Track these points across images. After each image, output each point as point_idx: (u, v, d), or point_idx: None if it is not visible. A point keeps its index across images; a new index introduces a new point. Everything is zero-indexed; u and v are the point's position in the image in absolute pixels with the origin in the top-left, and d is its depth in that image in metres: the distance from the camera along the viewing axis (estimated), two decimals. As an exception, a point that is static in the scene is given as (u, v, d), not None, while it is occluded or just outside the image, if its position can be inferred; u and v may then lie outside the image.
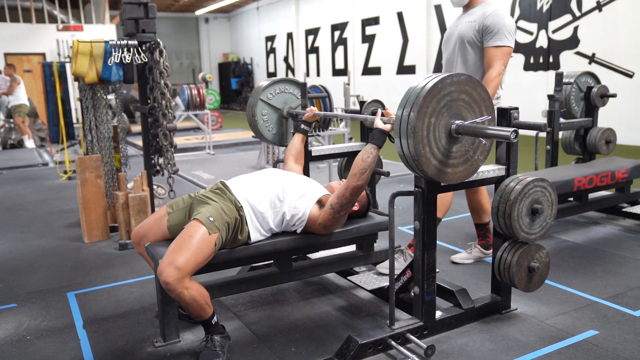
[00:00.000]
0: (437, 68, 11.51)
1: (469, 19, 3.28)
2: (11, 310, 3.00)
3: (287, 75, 17.67)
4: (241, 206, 2.47)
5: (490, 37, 3.15)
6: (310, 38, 16.37)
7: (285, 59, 17.83)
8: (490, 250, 3.50)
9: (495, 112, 3.15)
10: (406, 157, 2.14)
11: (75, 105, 11.24)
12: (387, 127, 2.43)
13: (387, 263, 2.98)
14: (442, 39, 3.57)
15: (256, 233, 2.50)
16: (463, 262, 3.49)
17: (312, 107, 3.13)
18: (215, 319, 2.38)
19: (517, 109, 2.59)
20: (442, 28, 11.32)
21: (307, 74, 13.63)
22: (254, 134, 3.43)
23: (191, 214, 2.49)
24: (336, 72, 15.30)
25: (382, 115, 2.53)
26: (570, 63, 8.92)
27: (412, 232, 2.39)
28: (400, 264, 3.14)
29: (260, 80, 19.50)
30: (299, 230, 2.59)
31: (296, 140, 3.12)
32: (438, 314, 2.57)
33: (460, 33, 3.29)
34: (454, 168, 2.22)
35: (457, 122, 2.15)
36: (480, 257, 3.52)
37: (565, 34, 9.01)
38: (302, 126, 3.13)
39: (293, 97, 3.43)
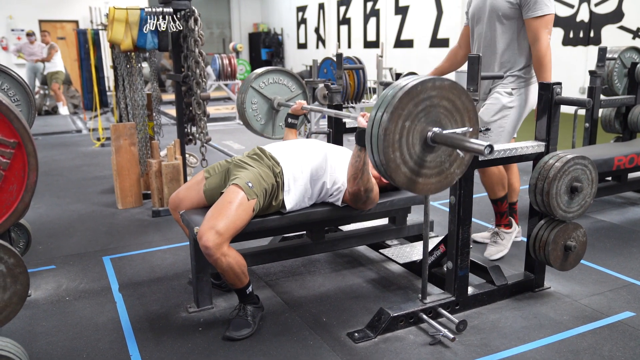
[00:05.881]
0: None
1: None
2: (50, 272, 3.09)
3: (317, 46, 17.50)
4: (279, 171, 2.47)
5: (530, 7, 2.88)
6: (342, 9, 16.13)
7: (316, 30, 17.62)
8: (510, 229, 3.31)
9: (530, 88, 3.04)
10: (375, 160, 1.93)
11: (107, 72, 11.36)
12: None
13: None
14: (467, 10, 3.21)
15: (292, 201, 2.50)
16: (484, 241, 3.40)
17: (300, 100, 3.05)
18: (250, 288, 2.41)
19: (560, 84, 2.52)
20: (478, 0, 11.01)
21: (339, 46, 13.48)
22: (241, 121, 3.30)
23: (228, 178, 2.51)
24: (368, 44, 15.07)
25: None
26: (612, 38, 8.58)
27: (446, 208, 2.36)
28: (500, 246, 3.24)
29: (291, 50, 19.37)
30: (339, 203, 2.58)
31: (287, 136, 3.06)
32: (470, 289, 2.56)
33: (492, 5, 2.98)
34: (426, 178, 1.99)
35: (435, 129, 1.93)
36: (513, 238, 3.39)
37: (609, 7, 8.66)
38: (289, 120, 3.04)
39: (287, 89, 3.31)
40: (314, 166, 2.53)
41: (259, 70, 3.24)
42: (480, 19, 3.08)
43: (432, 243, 2.72)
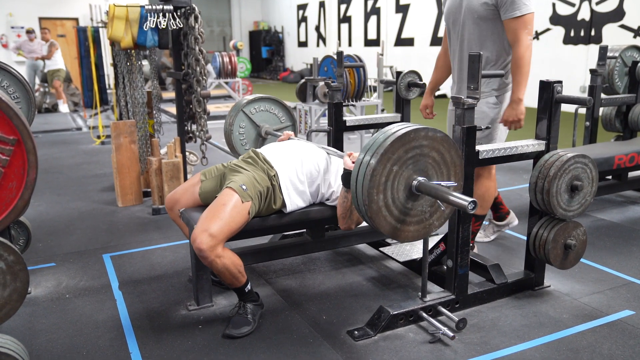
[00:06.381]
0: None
1: None
2: (50, 269, 3.09)
3: (318, 45, 17.49)
4: (274, 174, 2.47)
5: (507, 7, 2.73)
6: (343, 7, 16.12)
7: (317, 28, 17.62)
8: (505, 220, 3.39)
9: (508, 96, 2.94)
10: (357, 200, 1.92)
11: (107, 70, 11.35)
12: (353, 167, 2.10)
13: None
14: (443, 11, 3.07)
15: (293, 202, 2.51)
16: (482, 241, 3.37)
17: (288, 131, 3.01)
18: (248, 287, 2.41)
19: (560, 82, 2.52)
20: (479, -2, 10.99)
21: (339, 44, 13.48)
22: (227, 144, 3.26)
23: (223, 182, 2.51)
24: (368, 43, 15.08)
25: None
26: (613, 36, 8.59)
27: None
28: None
29: (291, 49, 19.36)
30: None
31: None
32: (470, 288, 2.56)
33: (468, 7, 2.85)
34: (405, 225, 1.99)
35: (420, 178, 1.95)
36: (497, 230, 3.42)
37: (610, 6, 8.66)
38: None
39: (276, 119, 3.26)
40: (307, 169, 2.53)
41: (251, 96, 3.21)
42: (456, 21, 2.96)
43: (432, 241, 2.72)
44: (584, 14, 9.07)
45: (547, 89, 2.49)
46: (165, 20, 3.83)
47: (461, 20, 2.92)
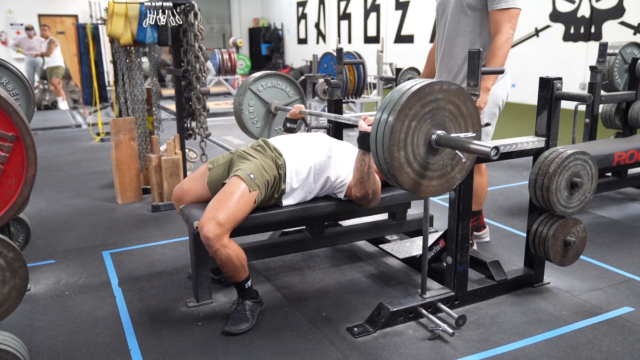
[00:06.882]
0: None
1: None
2: (50, 266, 3.09)
3: (317, 42, 17.47)
4: (282, 163, 2.48)
5: None
6: (343, 4, 16.09)
7: (317, 25, 17.59)
8: (482, 232, 3.32)
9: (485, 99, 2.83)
10: (379, 158, 1.93)
11: (107, 67, 11.33)
12: (370, 129, 2.13)
13: None
14: (437, 4, 3.06)
15: (293, 194, 2.51)
16: None
17: (299, 104, 3.02)
18: (249, 283, 2.41)
19: (560, 79, 2.51)
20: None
21: (339, 41, 13.50)
22: (238, 124, 3.28)
23: (231, 169, 2.51)
24: (368, 40, 15.05)
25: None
26: (613, 33, 8.58)
27: (446, 204, 2.35)
28: None
29: (291, 46, 19.33)
30: (341, 196, 2.58)
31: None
32: (469, 284, 2.55)
33: None
34: (428, 180, 2.00)
35: (439, 132, 1.94)
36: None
37: (610, 3, 8.64)
38: (288, 124, 3.02)
39: (284, 94, 3.27)
40: (317, 160, 2.53)
41: (257, 74, 3.20)
42: (444, 11, 2.95)
43: (432, 238, 2.72)
44: (584, 11, 9.05)
45: (547, 85, 2.49)
46: (164, 17, 3.83)
47: (449, 10, 2.90)
